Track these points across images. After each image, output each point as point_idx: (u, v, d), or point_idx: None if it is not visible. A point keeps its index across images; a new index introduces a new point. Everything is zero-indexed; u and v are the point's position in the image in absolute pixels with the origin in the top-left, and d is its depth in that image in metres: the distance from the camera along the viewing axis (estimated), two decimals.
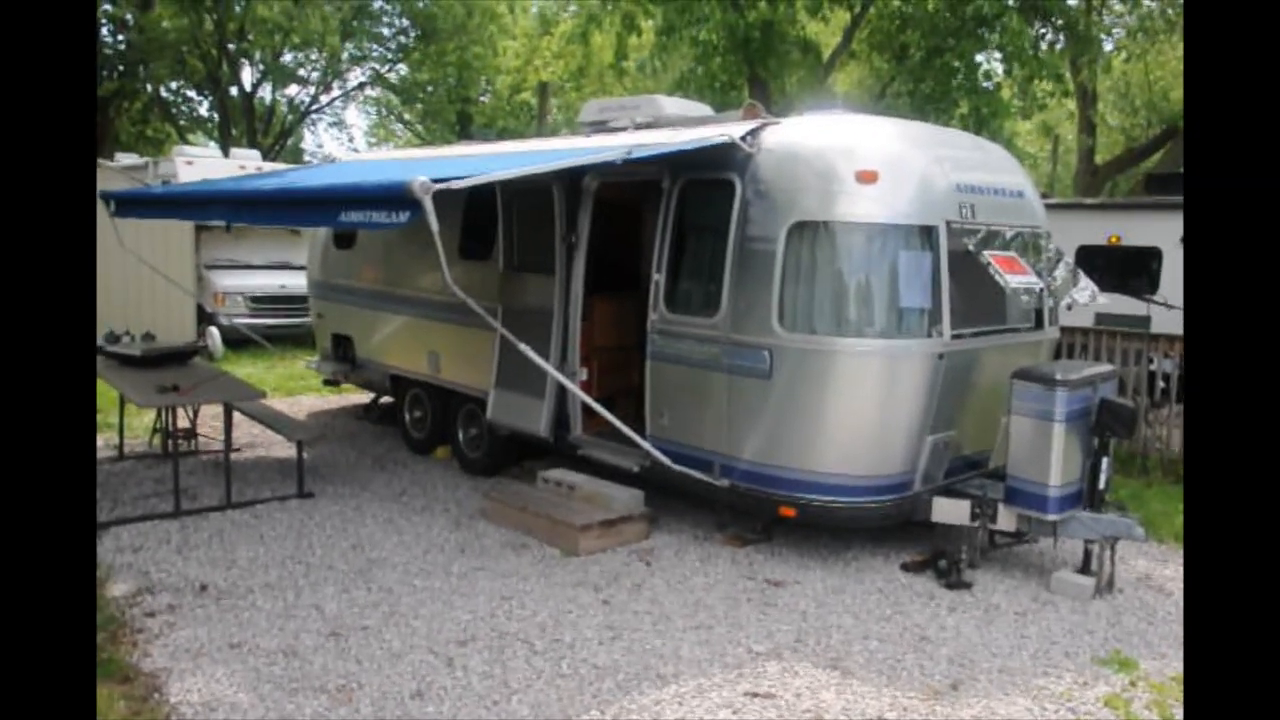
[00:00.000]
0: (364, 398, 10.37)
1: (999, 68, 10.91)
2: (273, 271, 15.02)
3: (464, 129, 24.44)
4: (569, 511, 6.17)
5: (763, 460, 5.72)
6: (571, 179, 6.55)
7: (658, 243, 6.19)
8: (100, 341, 7.78)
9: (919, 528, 6.13)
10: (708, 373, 5.90)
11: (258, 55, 22.78)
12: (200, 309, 14.08)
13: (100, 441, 6.68)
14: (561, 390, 6.83)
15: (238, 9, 21.33)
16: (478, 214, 7.50)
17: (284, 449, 8.47)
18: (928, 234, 5.50)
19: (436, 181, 4.50)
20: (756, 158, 5.71)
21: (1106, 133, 16.49)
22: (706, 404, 5.93)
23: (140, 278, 13.13)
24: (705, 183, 5.96)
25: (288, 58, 23.19)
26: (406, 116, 26.02)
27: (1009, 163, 6.52)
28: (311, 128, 28.20)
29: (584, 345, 6.88)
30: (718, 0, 11.00)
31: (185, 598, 5.12)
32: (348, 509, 6.74)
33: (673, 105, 7.52)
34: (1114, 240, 10.42)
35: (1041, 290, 5.92)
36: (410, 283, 8.40)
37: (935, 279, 5.48)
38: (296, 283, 15.11)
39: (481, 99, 24.35)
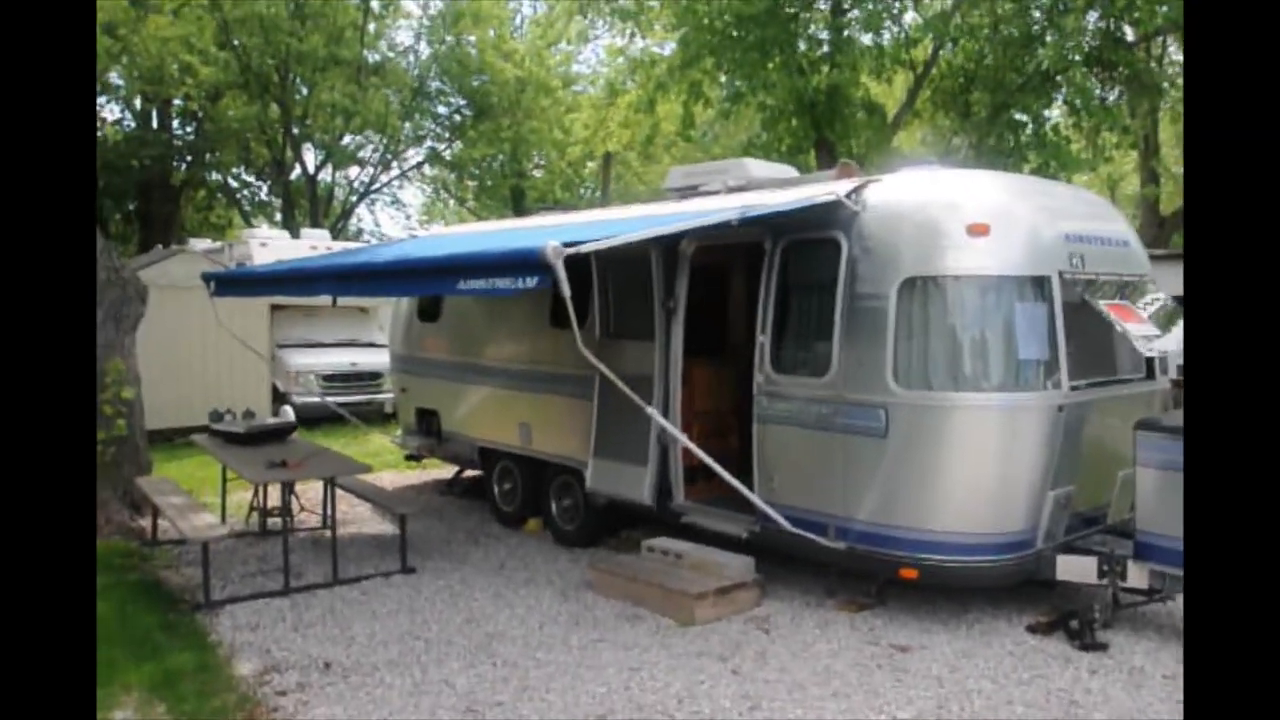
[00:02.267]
0: (446, 472, 10.44)
1: (1065, 120, 10.93)
2: (343, 349, 15.30)
3: (517, 204, 24.94)
4: (681, 580, 6.09)
5: (880, 521, 5.62)
6: (669, 244, 6.62)
7: (761, 304, 6.20)
8: (207, 420, 7.96)
9: (1038, 587, 5.97)
10: (820, 433, 5.85)
11: (319, 139, 23.57)
12: (275, 388, 14.36)
13: (208, 519, 6.76)
14: (664, 456, 6.82)
15: (299, 95, 22.16)
16: (569, 281, 7.59)
17: (378, 524, 8.53)
18: (1041, 285, 5.45)
19: (567, 245, 4.56)
20: (862, 215, 5.73)
21: (1170, 182, 16.39)
22: (819, 465, 5.86)
23: (219, 357, 13.53)
24: (809, 242, 5.99)
25: (347, 139, 23.98)
26: (463, 194, 26.65)
27: (1112, 211, 6.48)
28: (370, 207, 29.08)
29: (684, 410, 6.86)
30: (783, 67, 11.19)
31: (312, 675, 5.10)
32: (453, 583, 6.71)
33: (760, 168, 7.62)
34: None
35: (1154, 339, 5.81)
36: (499, 354, 8.49)
37: (1051, 330, 5.42)
38: (366, 360, 15.44)
39: (534, 173, 24.91)
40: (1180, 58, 12.61)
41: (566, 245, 4.57)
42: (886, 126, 12.05)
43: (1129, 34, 10.08)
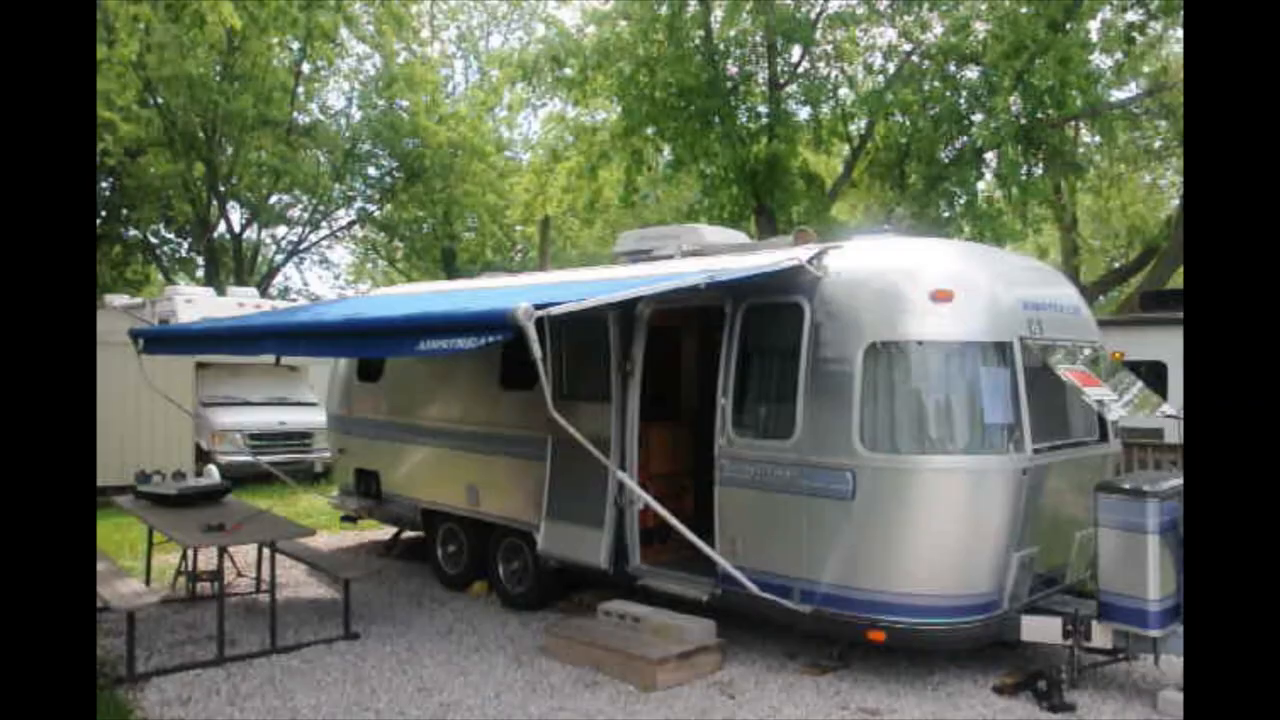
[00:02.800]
0: (383, 533, 10.08)
1: (995, 194, 11.39)
2: (271, 408, 14.78)
3: (448, 265, 24.75)
4: (641, 644, 5.93)
5: (846, 583, 5.58)
6: (626, 307, 6.58)
7: (722, 367, 6.19)
8: (132, 481, 7.53)
9: (1000, 648, 5.98)
10: (784, 496, 5.81)
11: (245, 197, 23.07)
12: (198, 447, 13.75)
13: (134, 585, 6.33)
14: (620, 519, 6.69)
15: (225, 154, 21.72)
16: (518, 342, 7.50)
17: (316, 588, 8.14)
18: (1003, 350, 5.57)
19: (539, 308, 4.49)
20: (824, 281, 5.80)
21: (1089, 256, 17.22)
22: (783, 528, 5.81)
23: (139, 415, 12.92)
24: (771, 306, 6.02)
25: (275, 199, 23.54)
26: (393, 255, 26.33)
27: (1062, 279, 6.70)
28: (299, 266, 28.46)
29: (640, 473, 6.76)
30: (724, 137, 11.44)
31: None
32: (399, 649, 6.41)
33: (712, 233, 7.71)
34: (1117, 356, 10.68)
35: (1112, 403, 5.97)
36: (444, 414, 8.29)
37: (1015, 394, 5.53)
38: (295, 418, 14.95)
39: (465, 235, 24.78)
40: (1093, 140, 13.37)
41: (538, 307, 4.49)
42: (824, 196, 12.38)
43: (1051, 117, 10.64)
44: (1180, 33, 11.17)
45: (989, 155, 11.46)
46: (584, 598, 7.56)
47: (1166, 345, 10.05)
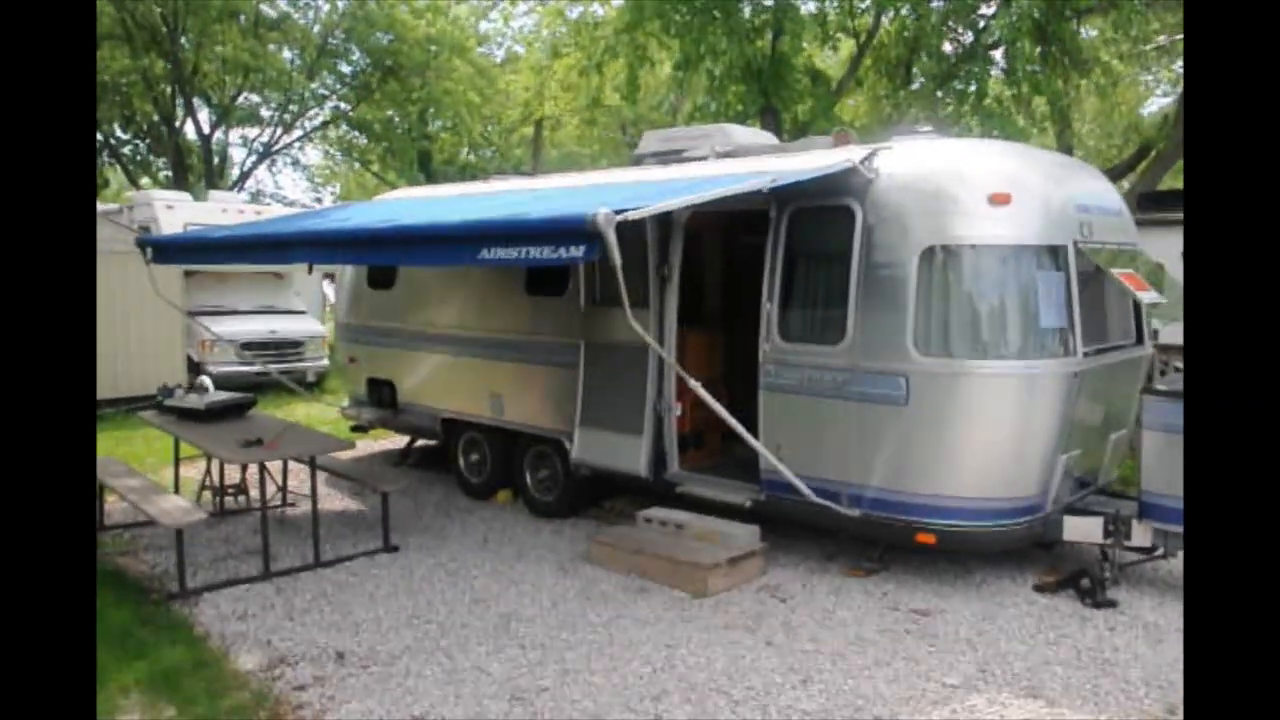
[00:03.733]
0: (394, 442, 10.02)
1: (1006, 92, 11.18)
2: (261, 316, 14.48)
3: (424, 167, 24.07)
4: (690, 551, 5.99)
5: (897, 488, 5.63)
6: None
7: (767, 272, 6.09)
8: (156, 395, 7.36)
9: (1033, 548, 6.13)
10: (832, 401, 5.80)
11: (214, 97, 22.08)
12: (188, 358, 13.49)
13: (178, 501, 6.22)
14: (659, 425, 6.67)
15: (188, 49, 20.65)
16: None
17: (340, 500, 8.10)
18: (1058, 253, 5.53)
19: (617, 212, 4.32)
20: (876, 183, 5.67)
21: (1084, 156, 17.09)
22: (831, 433, 5.83)
23: (127, 327, 12.59)
24: (819, 209, 5.90)
25: (243, 98, 22.55)
26: (367, 156, 25.46)
27: (1105, 181, 6.63)
28: (271, 169, 27.51)
29: (677, 380, 6.72)
30: (729, 33, 11.04)
31: (327, 668, 4.78)
32: (443, 560, 6.43)
33: (744, 134, 7.50)
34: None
35: (1162, 307, 5.99)
36: (465, 322, 8.14)
37: (1068, 298, 5.50)
38: (286, 327, 14.68)
39: (444, 135, 24.00)
40: (1099, 34, 13.10)
41: (616, 212, 4.32)
42: (830, 94, 12.10)
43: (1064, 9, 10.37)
44: None
45: (996, 52, 11.21)
46: (615, 505, 7.62)
47: (1165, 246, 10.11)
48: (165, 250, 7.70)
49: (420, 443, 9.59)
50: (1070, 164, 6.62)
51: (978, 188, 5.43)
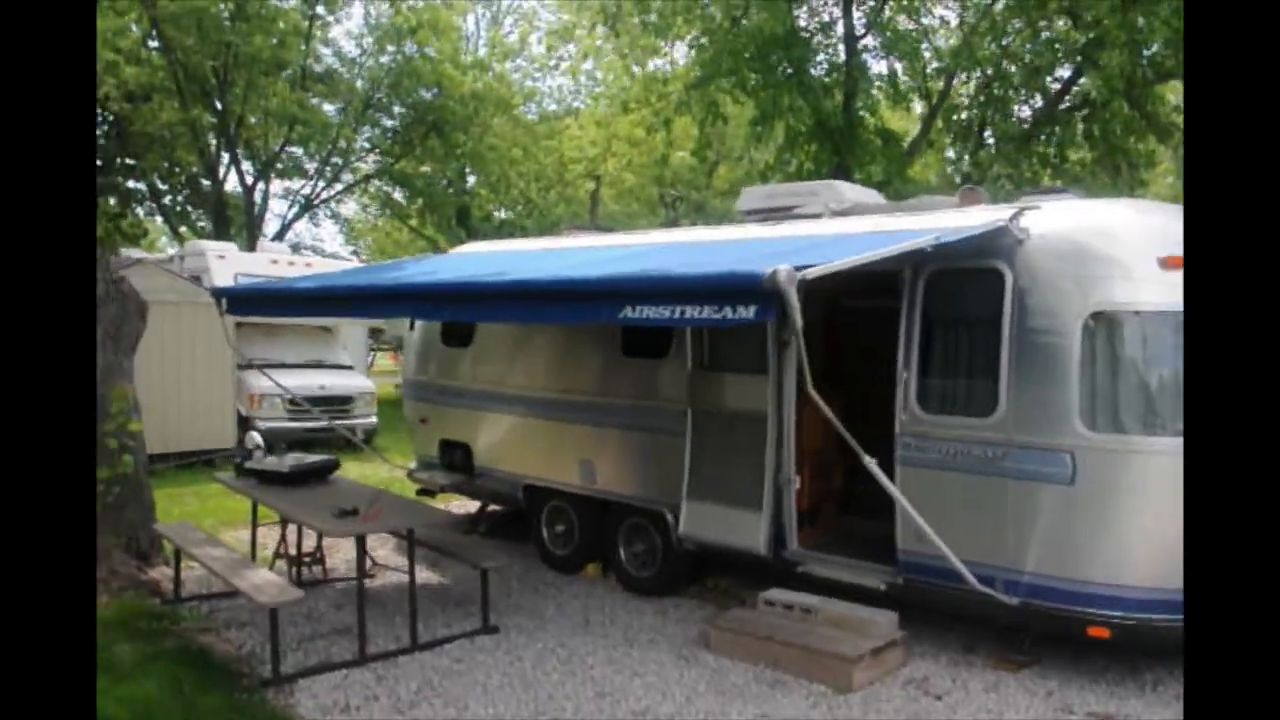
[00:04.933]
0: (461, 505, 9.59)
1: (1087, 154, 10.92)
2: (310, 370, 14.13)
3: (463, 222, 23.92)
4: (828, 640, 5.50)
5: (1062, 575, 5.16)
6: None
7: (903, 338, 5.70)
8: (236, 459, 6.97)
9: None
10: (983, 478, 5.36)
11: (259, 147, 22.03)
12: (237, 413, 13.12)
13: (269, 575, 5.77)
14: (779, 501, 6.23)
15: (235, 101, 20.65)
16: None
17: (420, 572, 7.61)
18: None
19: (799, 269, 3.95)
20: (1027, 244, 5.30)
21: None
22: (982, 513, 5.37)
23: (179, 380, 12.24)
24: (962, 271, 5.52)
25: (286, 150, 22.52)
26: (406, 211, 25.29)
27: None
28: (313, 221, 27.42)
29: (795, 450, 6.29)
30: (802, 90, 10.85)
31: None
32: (550, 644, 5.95)
33: (853, 192, 7.19)
34: None
35: None
36: (554, 384, 7.76)
37: None
38: (335, 382, 14.32)
39: (482, 191, 23.85)
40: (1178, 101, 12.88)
41: (798, 269, 3.95)
42: (902, 155, 11.85)
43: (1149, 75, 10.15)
44: None
45: (1079, 114, 10.96)
46: (720, 583, 7.14)
47: None
48: (245, 301, 7.37)
49: (492, 508, 9.16)
50: None
51: (1148, 250, 5.06)
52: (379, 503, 5.92)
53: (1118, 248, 5.13)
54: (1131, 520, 5.02)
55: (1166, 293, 5.02)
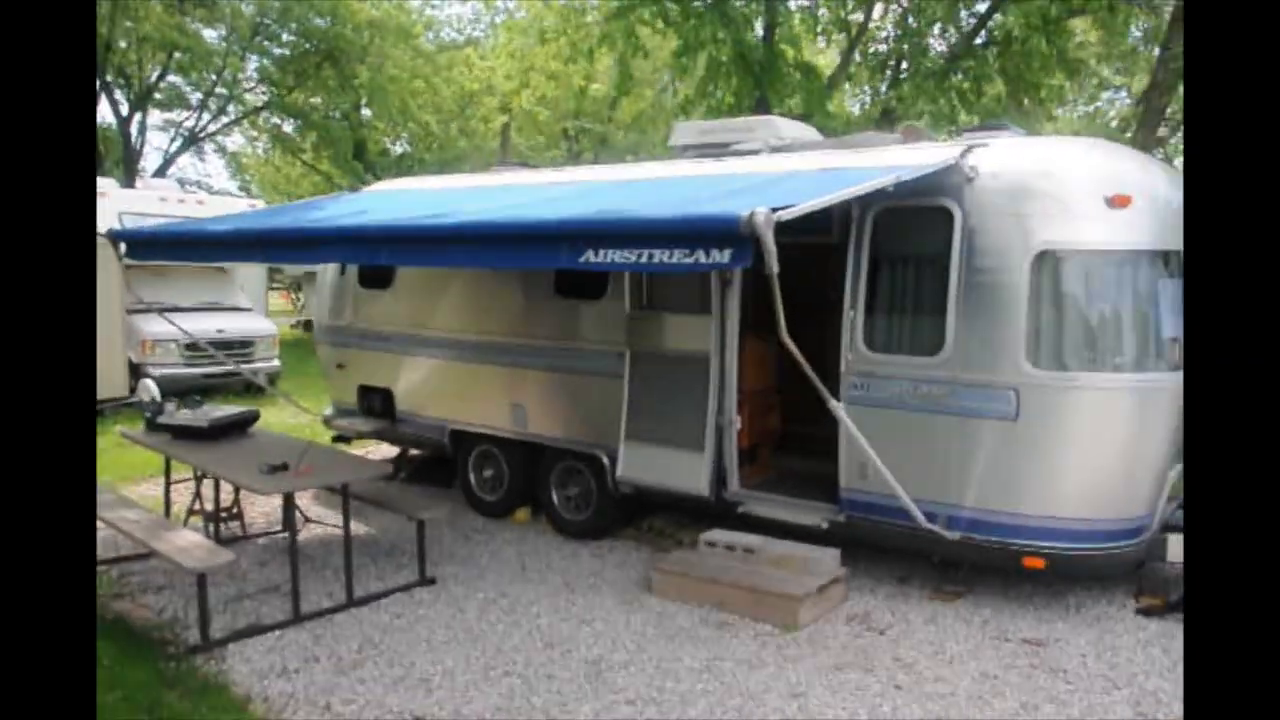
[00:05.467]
0: (377, 452, 9.25)
1: (1000, 89, 11.04)
2: (205, 314, 13.34)
3: (360, 157, 22.86)
4: (773, 580, 5.51)
5: (1001, 508, 5.27)
6: None
7: (850, 277, 5.65)
8: (145, 412, 6.49)
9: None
10: (928, 416, 5.39)
11: (134, 76, 20.41)
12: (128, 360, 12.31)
13: (192, 537, 5.40)
14: (720, 442, 6.17)
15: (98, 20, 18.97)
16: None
17: (335, 516, 7.32)
18: (1171, 259, 5.23)
19: (774, 210, 3.79)
20: (976, 183, 5.27)
21: None
22: (927, 450, 5.41)
23: None
24: (910, 210, 5.47)
25: (164, 78, 20.95)
26: (298, 145, 23.95)
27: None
28: (199, 156, 25.70)
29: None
30: (722, 21, 10.59)
31: None
32: (490, 594, 5.80)
33: (792, 128, 7.04)
34: None
35: None
36: (482, 326, 7.48)
37: (1179, 306, 5.21)
38: (234, 325, 13.59)
39: (376, 125, 22.71)
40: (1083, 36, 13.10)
41: (773, 210, 3.79)
42: (822, 88, 11.75)
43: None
44: None
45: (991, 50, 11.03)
46: (654, 525, 7.08)
47: None
48: (148, 245, 6.81)
49: (413, 453, 8.88)
50: (1166, 167, 6.37)
51: (1095, 189, 5.09)
52: (309, 456, 5.60)
53: (1066, 186, 5.14)
54: (1070, 454, 5.13)
55: (1113, 231, 5.08)
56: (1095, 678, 4.68)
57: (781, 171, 5.81)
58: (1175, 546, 5.48)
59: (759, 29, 11.19)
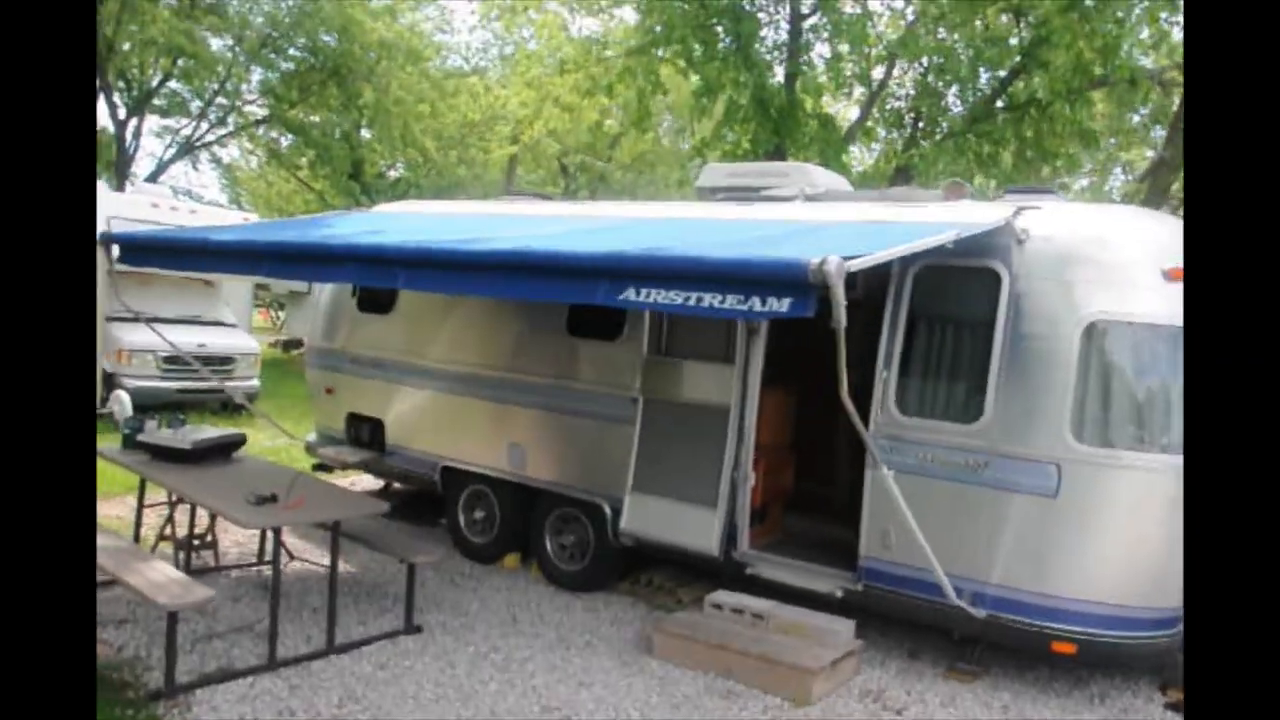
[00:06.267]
0: (360, 483, 8.86)
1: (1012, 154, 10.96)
2: (188, 327, 12.89)
3: (356, 178, 22.56)
4: (784, 649, 5.17)
5: (1032, 588, 4.97)
6: None
7: (886, 335, 5.39)
8: (123, 429, 6.09)
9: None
10: (961, 486, 5.11)
11: (135, 79, 20.07)
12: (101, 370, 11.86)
13: (167, 570, 4.97)
14: (733, 498, 5.85)
15: (104, 20, 18.66)
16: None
17: (317, 555, 6.91)
18: None
19: (846, 259, 3.51)
20: (1027, 246, 5.05)
21: None
22: (957, 523, 5.12)
23: None
24: (954, 270, 5.23)
25: (166, 85, 20.62)
26: (295, 162, 23.61)
27: None
28: (195, 165, 25.28)
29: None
30: (747, 65, 10.46)
31: None
32: (481, 647, 5.42)
33: (824, 177, 6.83)
34: None
35: None
36: (486, 360, 7.16)
37: None
38: (216, 340, 13.15)
39: (375, 146, 22.47)
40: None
41: (846, 259, 3.51)
42: (839, 139, 11.61)
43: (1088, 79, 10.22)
44: None
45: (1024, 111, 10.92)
46: (655, 580, 6.71)
47: None
48: (143, 250, 6.46)
49: (397, 487, 8.49)
50: None
51: (1153, 260, 4.89)
52: (299, 487, 5.22)
53: (1122, 256, 4.94)
54: (1111, 535, 4.87)
55: (1168, 305, 4.86)
56: None
57: (822, 221, 5.58)
58: None
59: (779, 75, 11.07)
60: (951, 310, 5.27)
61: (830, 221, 5.52)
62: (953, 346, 5.25)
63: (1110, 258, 4.91)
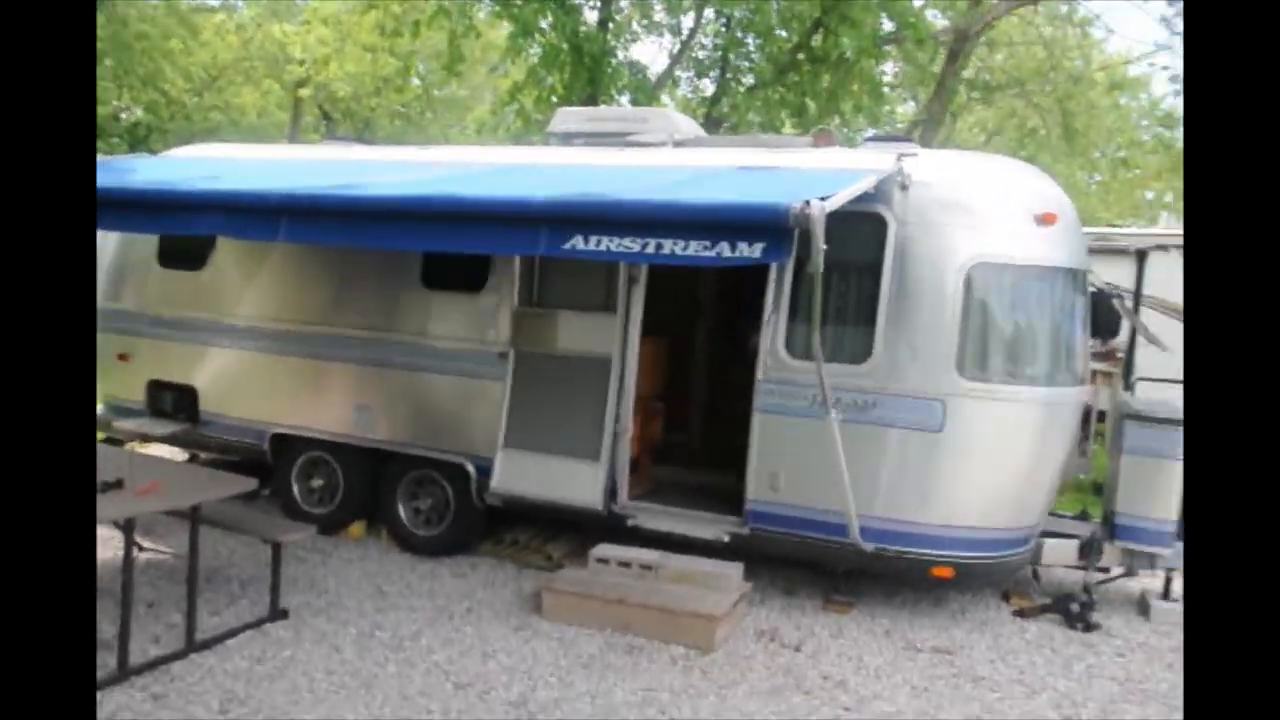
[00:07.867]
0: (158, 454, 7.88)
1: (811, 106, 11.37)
2: None
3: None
4: (683, 599, 5.14)
5: (914, 519, 5.23)
6: None
7: (772, 281, 5.41)
8: None
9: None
10: (850, 425, 5.22)
11: None
12: None
13: None
14: (615, 450, 5.71)
15: None
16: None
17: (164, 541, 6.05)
18: (1079, 279, 5.45)
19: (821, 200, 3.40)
20: (910, 192, 5.21)
21: None
22: (846, 461, 5.26)
23: None
24: (840, 215, 5.27)
25: None
26: None
27: None
28: None
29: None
30: (561, 9, 10.14)
31: None
32: (363, 628, 4.98)
33: (688, 124, 6.73)
34: None
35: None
36: (322, 317, 6.53)
37: (1083, 325, 5.45)
38: None
39: (108, 84, 19.61)
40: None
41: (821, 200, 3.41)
42: (650, 87, 11.52)
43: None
44: None
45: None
46: (520, 538, 6.45)
47: None
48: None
49: (205, 456, 7.60)
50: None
51: (1025, 206, 5.21)
52: (138, 469, 4.49)
53: (1001, 201, 5.22)
54: (988, 465, 5.21)
55: (1039, 247, 5.20)
56: (1012, 684, 4.74)
57: (718, 166, 5.49)
58: (1049, 551, 5.73)
59: (593, 20, 10.83)
60: (839, 255, 5.33)
61: (727, 166, 5.44)
62: (839, 290, 5.34)
63: (988, 204, 5.19)
